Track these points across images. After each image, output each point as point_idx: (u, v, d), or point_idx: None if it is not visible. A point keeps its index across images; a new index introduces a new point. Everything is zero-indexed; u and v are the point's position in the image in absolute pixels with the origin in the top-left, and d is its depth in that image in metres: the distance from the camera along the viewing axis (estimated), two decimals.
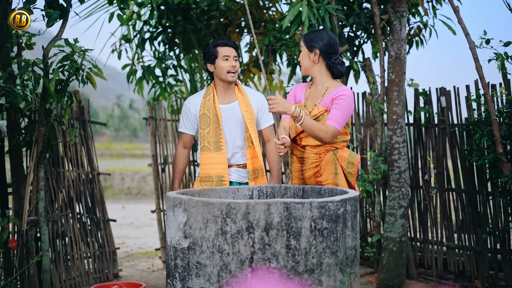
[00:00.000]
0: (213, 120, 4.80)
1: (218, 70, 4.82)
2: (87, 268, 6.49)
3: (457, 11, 5.64)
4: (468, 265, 6.17)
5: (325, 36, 4.24)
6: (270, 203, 3.15)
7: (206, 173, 4.79)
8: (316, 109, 4.21)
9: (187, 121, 4.96)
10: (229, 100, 4.91)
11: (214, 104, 4.83)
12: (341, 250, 3.33)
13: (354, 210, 3.46)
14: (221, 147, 4.78)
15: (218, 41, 4.87)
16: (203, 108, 4.84)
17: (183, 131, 5.01)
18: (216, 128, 4.80)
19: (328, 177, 4.24)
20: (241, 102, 4.88)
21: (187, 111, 4.94)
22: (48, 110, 5.20)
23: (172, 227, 3.43)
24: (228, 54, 4.79)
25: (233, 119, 4.86)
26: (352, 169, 4.22)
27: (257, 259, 3.15)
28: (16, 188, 5.55)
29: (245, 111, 4.86)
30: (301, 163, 4.31)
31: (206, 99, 4.87)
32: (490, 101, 5.49)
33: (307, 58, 4.28)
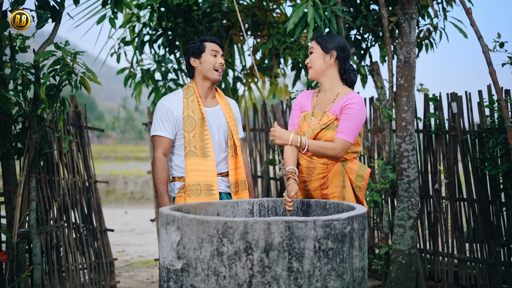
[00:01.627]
0: (199, 123, 4.34)
1: (204, 65, 4.40)
2: (83, 280, 6.25)
3: (470, 13, 5.38)
4: (481, 278, 5.93)
5: (342, 40, 4.05)
6: (271, 222, 2.89)
7: (194, 181, 4.28)
8: (325, 118, 3.97)
9: (167, 123, 4.35)
10: (211, 104, 4.51)
11: (199, 106, 4.39)
12: (348, 272, 3.07)
13: (362, 228, 3.20)
14: (208, 153, 4.33)
15: (205, 37, 4.49)
16: (187, 110, 4.35)
17: (163, 135, 4.34)
18: (202, 132, 4.34)
19: (335, 190, 3.98)
20: (223, 107, 4.52)
21: (167, 112, 4.35)
22: (40, 116, 4.97)
23: (165, 246, 3.17)
24: (217, 50, 4.42)
25: (216, 124, 4.45)
26: (361, 183, 3.95)
27: (256, 283, 2.89)
28: (8, 197, 5.31)
29: (228, 116, 4.50)
30: (307, 173, 4.05)
31: (189, 100, 4.39)
32: (504, 107, 5.22)
33: (322, 59, 4.03)
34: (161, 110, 4.39)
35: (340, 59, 4.02)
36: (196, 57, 4.43)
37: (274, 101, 9.40)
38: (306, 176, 4.04)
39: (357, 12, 6.21)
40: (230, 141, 4.45)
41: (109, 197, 18.04)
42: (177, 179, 4.41)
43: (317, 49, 4.05)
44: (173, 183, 4.43)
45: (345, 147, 3.83)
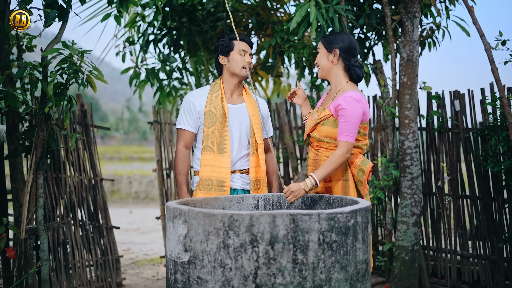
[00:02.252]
0: (220, 120, 4.41)
1: (232, 63, 4.46)
2: (89, 277, 6.31)
3: (472, 12, 5.43)
4: (483, 275, 5.97)
5: (345, 38, 4.12)
6: (276, 214, 2.95)
7: (207, 176, 4.38)
8: (323, 112, 4.08)
9: (190, 117, 4.48)
10: (236, 101, 4.57)
11: (222, 103, 4.46)
12: (352, 265, 3.13)
13: (365, 222, 3.26)
14: (225, 150, 4.40)
15: (234, 35, 4.52)
16: (209, 105, 4.44)
17: (185, 128, 4.49)
18: (222, 129, 4.42)
19: (337, 183, 4.06)
20: (248, 105, 4.57)
21: (191, 106, 4.48)
22: (47, 114, 5.03)
23: (172, 240, 3.23)
24: (245, 49, 4.47)
25: (239, 121, 4.51)
26: (362, 177, 4.02)
27: (261, 274, 2.95)
28: (16, 194, 5.38)
29: (252, 115, 4.54)
30: (314, 166, 4.15)
31: (213, 96, 4.48)
32: (506, 104, 5.27)
33: (326, 58, 4.14)
34: (185, 104, 4.50)
35: (344, 57, 4.09)
36: (224, 55, 4.49)
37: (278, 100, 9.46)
38: (313, 168, 4.14)
39: (360, 11, 6.25)
40: (252, 139, 4.50)
41: (113, 196, 18.11)
42: (197, 173, 4.50)
43: (321, 48, 4.15)
44: (194, 177, 4.54)
45: (349, 147, 3.91)
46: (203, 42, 7.49)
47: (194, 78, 7.89)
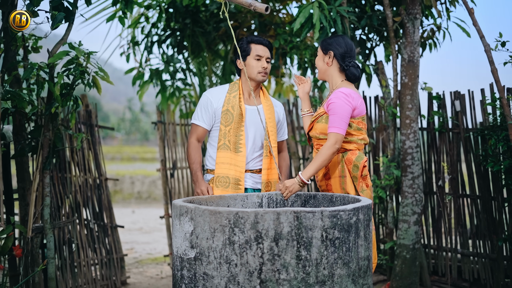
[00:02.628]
0: (236, 119, 4.48)
1: (249, 68, 4.52)
2: (94, 275, 6.39)
3: (472, 13, 5.51)
4: (483, 273, 6.04)
5: (341, 40, 4.25)
6: (280, 212, 3.03)
7: (224, 174, 4.46)
8: (318, 111, 4.26)
9: (206, 114, 4.57)
10: (253, 102, 4.61)
11: (240, 103, 4.52)
12: (354, 261, 3.21)
13: (367, 219, 3.34)
14: (240, 149, 4.48)
15: (254, 38, 4.56)
16: (227, 104, 4.50)
17: (199, 124, 4.57)
18: (238, 128, 4.49)
19: (335, 180, 4.16)
20: (265, 107, 4.63)
21: (208, 103, 4.56)
22: (54, 114, 5.11)
23: (178, 237, 3.31)
24: (261, 54, 4.50)
25: (255, 123, 4.57)
26: (356, 172, 4.11)
27: (266, 270, 3.03)
28: (22, 194, 5.46)
29: (268, 117, 4.60)
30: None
31: (231, 95, 4.54)
32: (506, 105, 5.34)
33: (322, 60, 4.29)
34: (203, 100, 4.59)
35: (338, 58, 4.22)
36: (243, 58, 4.54)
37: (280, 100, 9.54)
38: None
39: (362, 12, 6.34)
40: (266, 141, 4.56)
41: (116, 196, 18.18)
42: (209, 171, 4.61)
43: (319, 51, 4.32)
44: (206, 175, 4.63)
45: (337, 138, 4.02)
46: (206, 43, 7.57)
47: (197, 79, 7.97)
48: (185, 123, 8.02)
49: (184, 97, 8.14)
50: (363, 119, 4.21)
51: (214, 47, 7.81)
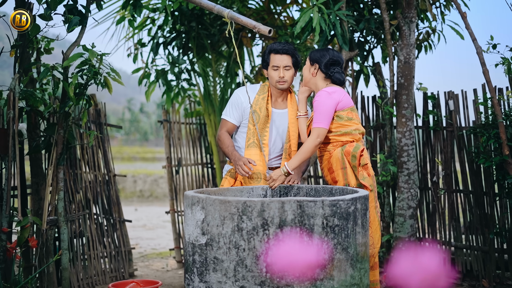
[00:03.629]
0: (262, 120, 4.74)
1: (269, 77, 4.78)
2: (103, 268, 6.65)
3: (465, 17, 5.79)
4: (476, 264, 6.30)
5: (325, 53, 4.63)
6: (284, 201, 3.31)
7: (255, 169, 4.70)
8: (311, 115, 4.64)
9: (236, 111, 4.85)
10: (280, 106, 4.88)
11: (267, 105, 4.79)
12: (352, 247, 3.49)
13: (364, 209, 3.62)
14: (264, 148, 4.74)
15: (272, 47, 4.77)
16: (255, 105, 4.76)
17: (229, 119, 4.85)
18: (263, 129, 4.75)
19: (338, 172, 4.49)
20: (290, 112, 4.86)
21: (238, 101, 4.83)
22: (67, 113, 5.38)
23: (190, 224, 3.59)
24: (277, 65, 4.70)
25: (278, 125, 4.84)
26: (355, 161, 4.45)
27: (272, 254, 3.31)
28: (36, 189, 5.74)
29: (291, 122, 4.84)
30: (320, 161, 4.66)
31: (260, 97, 4.80)
32: (496, 104, 5.63)
33: (308, 70, 4.69)
34: (233, 98, 4.87)
35: (322, 69, 4.61)
36: (265, 68, 4.82)
37: None
38: (319, 164, 4.65)
39: (360, 16, 6.61)
40: (286, 144, 4.83)
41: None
42: (228, 163, 4.91)
43: (307, 62, 4.74)
44: (226, 166, 4.95)
45: (320, 133, 4.42)
46: (210, 45, 7.85)
47: (201, 79, 8.24)
48: (189, 122, 8.30)
49: (189, 97, 8.44)
50: (352, 109, 4.55)
51: (218, 48, 8.09)
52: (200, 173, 8.32)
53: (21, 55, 5.29)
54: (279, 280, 3.31)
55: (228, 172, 4.85)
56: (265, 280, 3.32)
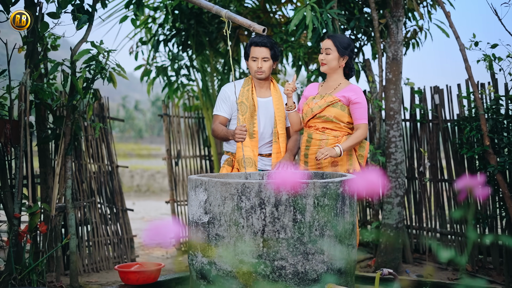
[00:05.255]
0: (250, 110, 5.14)
1: (249, 68, 5.21)
2: (107, 254, 6.98)
3: (449, 16, 6.13)
4: (459, 250, 6.65)
5: (352, 45, 5.00)
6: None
7: (248, 155, 5.08)
8: (330, 97, 4.94)
9: (225, 105, 5.21)
10: (264, 95, 5.28)
11: (252, 96, 5.18)
12: (340, 224, 3.85)
13: (352, 190, 3.97)
14: (254, 135, 5.13)
15: (252, 40, 5.21)
16: (242, 97, 5.16)
17: (220, 114, 5.22)
18: (252, 117, 5.14)
19: (343, 157, 4.94)
20: (274, 99, 5.27)
21: (226, 96, 5.21)
22: (74, 106, 5.71)
23: (194, 205, 3.94)
24: (256, 56, 5.13)
25: (265, 112, 5.23)
26: (363, 152, 4.96)
27: (268, 231, 3.67)
28: (44, 178, 6.08)
29: (277, 108, 5.25)
30: (319, 145, 4.98)
31: (245, 89, 5.20)
32: (478, 98, 5.97)
33: (337, 61, 4.98)
34: (221, 94, 5.26)
35: (349, 61, 5.00)
36: (246, 59, 5.25)
37: None
38: (318, 147, 4.96)
39: (351, 15, 6.96)
40: (274, 129, 5.24)
41: None
42: (225, 153, 5.30)
43: (334, 51, 4.96)
44: (223, 156, 5.32)
45: (367, 128, 4.93)
46: (209, 42, 8.19)
47: (200, 75, 8.58)
48: (188, 116, 8.64)
49: (188, 92, 8.80)
50: None
51: (216, 45, 8.44)
52: (198, 165, 8.67)
53: (32, 51, 5.61)
54: (274, 254, 3.67)
55: (226, 161, 5.23)
56: (262, 254, 3.67)
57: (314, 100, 4.99)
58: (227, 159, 5.23)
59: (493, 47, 5.94)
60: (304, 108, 5.06)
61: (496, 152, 5.99)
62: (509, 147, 5.85)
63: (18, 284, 5.25)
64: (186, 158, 8.51)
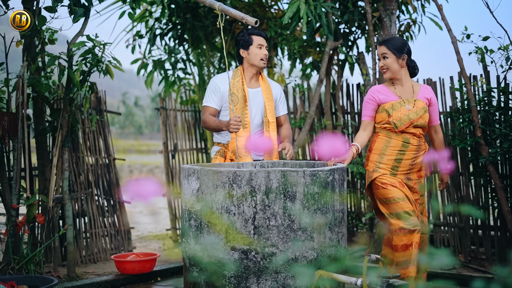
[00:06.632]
0: (241, 100, 5.19)
1: (252, 56, 5.23)
2: (104, 246, 7.06)
3: (441, 9, 6.21)
4: (453, 240, 6.71)
5: (406, 43, 4.94)
6: (270, 171, 3.74)
7: (240, 145, 5.09)
8: (421, 103, 4.88)
9: (215, 96, 5.24)
10: (254, 85, 5.33)
11: (243, 86, 5.22)
12: (330, 212, 3.92)
13: (341, 179, 4.06)
14: (246, 125, 5.17)
15: (253, 30, 5.28)
16: (232, 88, 5.20)
17: (210, 105, 5.24)
18: (243, 108, 5.19)
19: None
20: (263, 89, 5.33)
21: (216, 87, 5.23)
22: (71, 98, 5.79)
23: (186, 194, 4.02)
24: (262, 44, 5.23)
25: (255, 103, 5.28)
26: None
27: (259, 218, 3.74)
28: (42, 170, 6.15)
29: (266, 98, 5.31)
30: (416, 151, 4.91)
31: (235, 80, 5.24)
32: (470, 90, 6.05)
33: (396, 63, 4.88)
34: (211, 85, 5.30)
35: (408, 59, 4.94)
36: (245, 48, 5.26)
37: None
38: (414, 153, 4.90)
39: (345, 8, 7.04)
40: (265, 118, 5.30)
41: None
42: (216, 144, 5.34)
43: (390, 55, 4.88)
44: (214, 147, 5.36)
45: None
46: (205, 36, 8.27)
47: (196, 68, 8.65)
48: (185, 109, 8.72)
49: (184, 86, 8.87)
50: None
51: (212, 39, 8.51)
52: (195, 158, 8.74)
53: (29, 44, 5.68)
54: (265, 241, 3.74)
55: (217, 152, 5.29)
56: (252, 241, 3.75)
57: (406, 106, 4.83)
58: (218, 150, 5.28)
59: (484, 39, 6.02)
60: (395, 115, 4.81)
61: (488, 143, 6.07)
62: (500, 138, 5.92)
63: (16, 274, 5.34)
64: (183, 152, 8.59)
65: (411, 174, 4.93)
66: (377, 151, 4.92)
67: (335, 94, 7.52)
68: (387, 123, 4.86)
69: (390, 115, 4.82)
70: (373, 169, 4.87)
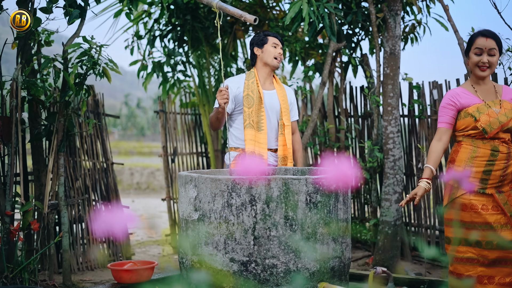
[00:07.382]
0: (256, 102, 5.05)
1: (266, 54, 5.13)
2: (102, 252, 6.91)
3: (447, 10, 6.05)
4: None
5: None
6: (271, 179, 3.58)
7: (251, 150, 4.98)
8: (508, 104, 4.31)
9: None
10: (269, 87, 5.22)
11: (258, 87, 5.10)
12: (334, 222, 3.76)
13: (345, 187, 3.89)
14: (262, 127, 5.05)
15: (268, 32, 5.24)
16: (247, 89, 5.08)
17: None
18: (259, 110, 5.06)
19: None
20: (278, 91, 5.22)
21: (228, 90, 4.99)
22: (67, 102, 5.64)
23: (184, 202, 3.86)
24: (276, 43, 5.15)
25: (271, 104, 5.16)
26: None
27: (259, 228, 3.58)
28: (37, 175, 6.00)
29: (282, 100, 5.19)
30: (507, 159, 4.27)
31: (249, 82, 5.11)
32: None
33: (497, 60, 4.38)
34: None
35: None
36: (259, 47, 5.16)
37: None
38: (505, 162, 4.28)
39: (348, 9, 6.88)
40: (280, 121, 5.16)
41: None
42: (233, 149, 5.15)
43: (497, 52, 4.33)
44: (229, 153, 5.14)
45: None
46: (205, 38, 8.12)
47: (196, 71, 8.51)
48: (185, 112, 8.57)
49: (184, 88, 8.72)
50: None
51: (212, 41, 8.36)
52: (195, 162, 8.60)
53: (23, 46, 5.54)
54: (265, 252, 3.58)
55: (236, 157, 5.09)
56: (252, 252, 3.59)
57: (494, 109, 4.27)
58: (238, 156, 5.10)
59: None
60: (483, 119, 4.22)
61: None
62: None
63: (9, 282, 5.18)
64: (182, 155, 8.44)
65: (502, 187, 4.30)
66: (460, 163, 4.34)
67: (338, 97, 7.36)
68: (472, 129, 4.28)
69: (478, 120, 4.24)
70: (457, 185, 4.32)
